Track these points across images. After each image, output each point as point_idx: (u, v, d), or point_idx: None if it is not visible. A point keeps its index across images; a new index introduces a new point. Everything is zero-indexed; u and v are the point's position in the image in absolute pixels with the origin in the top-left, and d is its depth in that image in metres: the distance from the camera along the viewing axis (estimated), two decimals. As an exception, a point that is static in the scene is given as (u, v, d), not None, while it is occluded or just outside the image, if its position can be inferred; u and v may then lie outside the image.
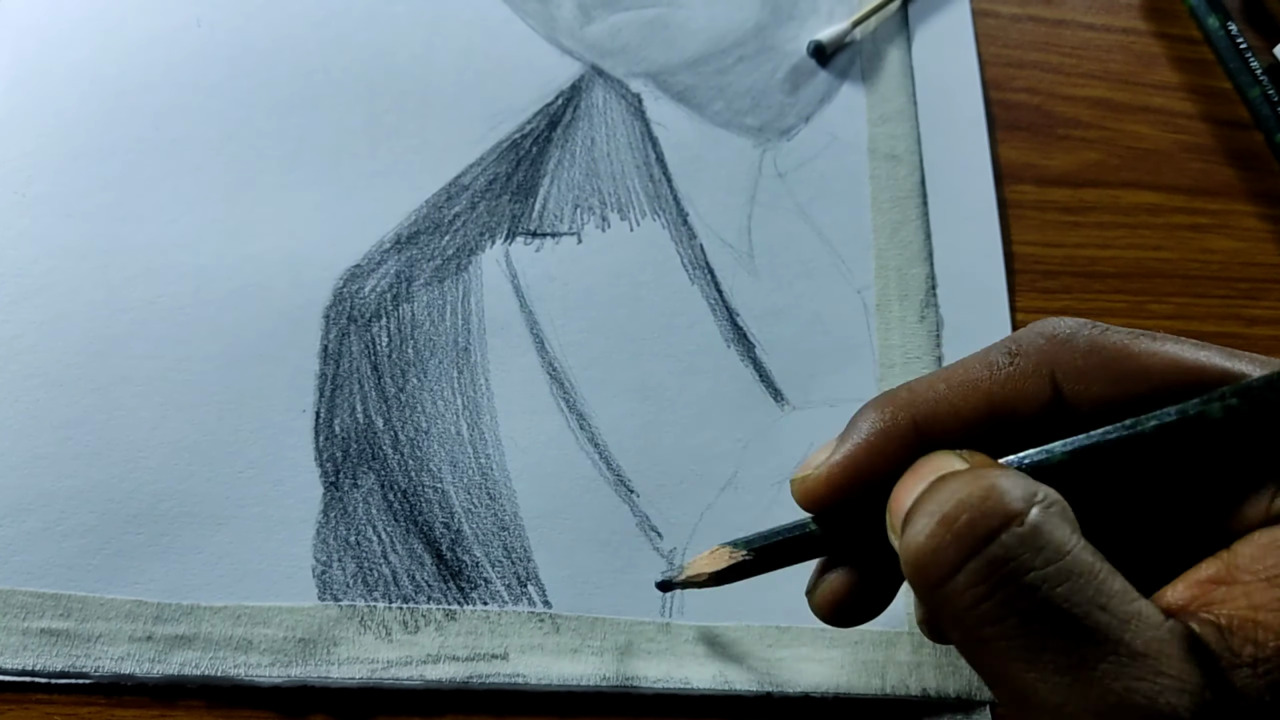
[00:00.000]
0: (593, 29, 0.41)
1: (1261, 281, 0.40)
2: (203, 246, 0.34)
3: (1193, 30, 0.46)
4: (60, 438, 0.31)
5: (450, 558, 0.30)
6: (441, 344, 0.34)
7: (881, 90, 0.41)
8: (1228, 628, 0.18)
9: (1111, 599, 0.18)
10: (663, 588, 0.27)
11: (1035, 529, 0.18)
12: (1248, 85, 0.44)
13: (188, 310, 0.33)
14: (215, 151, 0.36)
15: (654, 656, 0.29)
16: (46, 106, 0.36)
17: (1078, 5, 0.47)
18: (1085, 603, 0.17)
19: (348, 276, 0.34)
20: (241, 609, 0.29)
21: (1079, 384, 0.21)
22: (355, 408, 0.32)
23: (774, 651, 0.30)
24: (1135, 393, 0.20)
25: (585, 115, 0.39)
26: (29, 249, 0.33)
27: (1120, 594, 0.18)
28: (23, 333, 0.32)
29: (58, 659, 0.28)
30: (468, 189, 0.37)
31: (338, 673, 0.28)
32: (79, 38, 0.37)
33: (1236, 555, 0.19)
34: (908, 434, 0.22)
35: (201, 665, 0.28)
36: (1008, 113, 0.42)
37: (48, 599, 0.28)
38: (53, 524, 0.29)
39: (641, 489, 0.32)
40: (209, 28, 0.39)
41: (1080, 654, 0.17)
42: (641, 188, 0.38)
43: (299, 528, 0.30)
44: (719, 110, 0.40)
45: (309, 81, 0.38)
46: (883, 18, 0.43)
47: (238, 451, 0.31)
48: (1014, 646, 0.18)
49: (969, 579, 0.18)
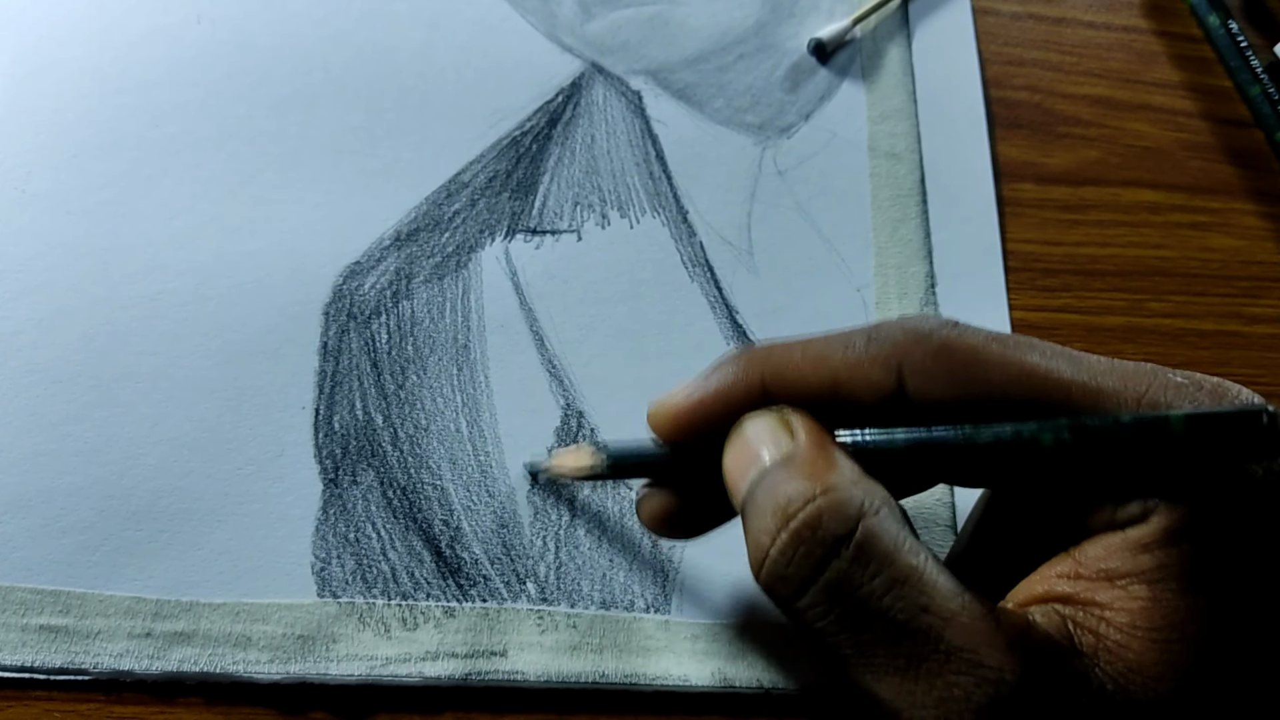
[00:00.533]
0: (593, 26, 0.41)
1: (1262, 280, 0.40)
2: (202, 243, 0.34)
3: (1193, 28, 0.46)
4: (60, 434, 0.31)
5: (449, 555, 0.30)
6: (441, 341, 0.34)
7: (882, 88, 0.41)
8: (1070, 617, 0.19)
9: (935, 599, 0.19)
10: (531, 473, 0.31)
11: (863, 545, 0.20)
12: (1248, 83, 0.44)
13: (187, 307, 0.33)
14: (215, 148, 0.36)
15: (653, 654, 0.29)
16: (46, 103, 0.36)
17: (1078, 3, 0.47)
18: (910, 607, 0.19)
19: (347, 273, 0.34)
20: (241, 606, 0.29)
21: (922, 381, 0.22)
22: (355, 405, 0.32)
23: (773, 649, 0.30)
24: (976, 398, 0.21)
25: (585, 112, 0.39)
26: (29, 246, 0.33)
27: (945, 593, 0.19)
28: (22, 329, 0.32)
29: (57, 655, 0.28)
30: (468, 186, 0.37)
31: (337, 669, 0.28)
32: (79, 34, 0.37)
33: (1085, 553, 0.20)
34: (754, 390, 0.24)
35: (200, 662, 0.28)
36: (1008, 111, 0.42)
37: (47, 595, 0.28)
38: (52, 520, 0.29)
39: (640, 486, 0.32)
40: (209, 24, 0.39)
41: (907, 656, 0.19)
42: (641, 185, 0.38)
43: (298, 524, 0.30)
44: (719, 108, 0.40)
45: (309, 78, 0.38)
46: (883, 15, 0.43)
47: (237, 448, 0.31)
48: (854, 655, 0.20)
49: (811, 601, 0.20)
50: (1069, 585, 0.20)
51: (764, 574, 0.21)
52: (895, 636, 0.19)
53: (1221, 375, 0.21)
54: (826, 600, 0.20)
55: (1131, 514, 0.20)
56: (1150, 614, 0.19)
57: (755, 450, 0.22)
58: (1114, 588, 0.19)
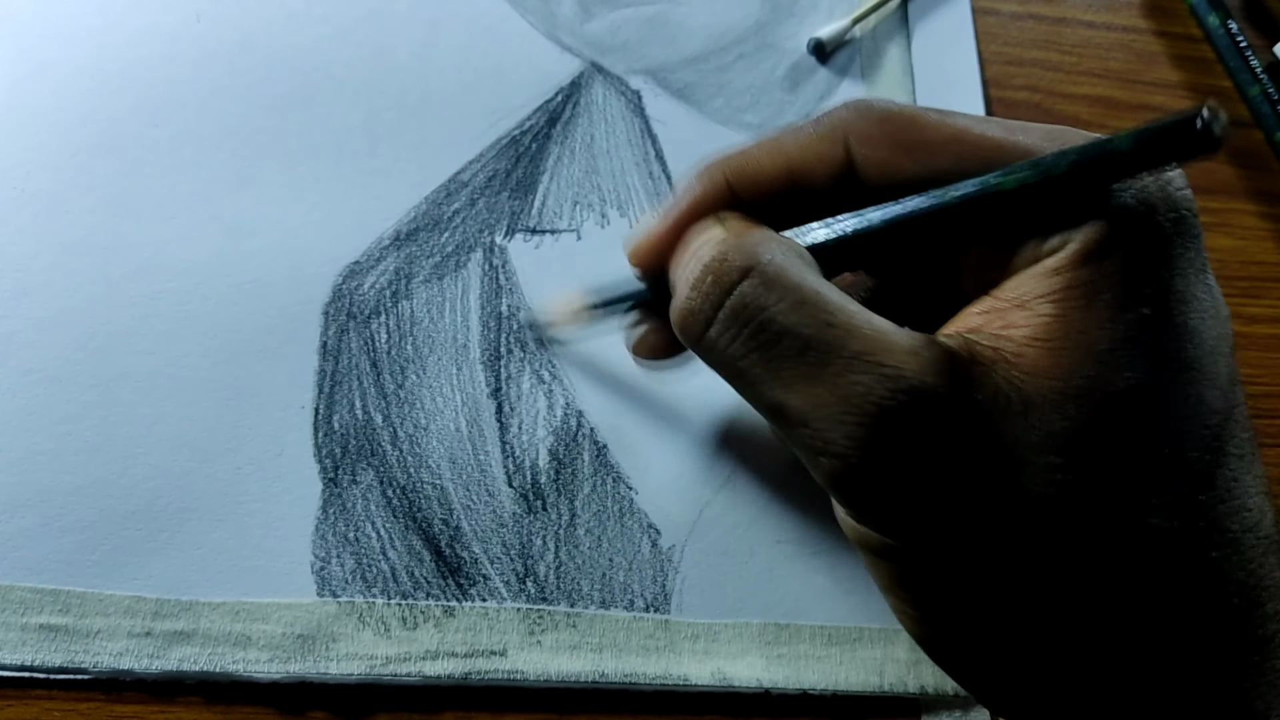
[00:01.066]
0: (592, 26, 0.41)
1: (1261, 280, 0.40)
2: (202, 243, 0.34)
3: (1193, 28, 0.46)
4: (59, 433, 0.31)
5: (449, 554, 0.30)
6: (441, 341, 0.34)
7: (881, 88, 0.41)
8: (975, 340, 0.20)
9: (838, 316, 0.20)
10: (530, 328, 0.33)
11: (767, 276, 0.21)
12: (1247, 84, 0.44)
13: (187, 306, 0.33)
14: (214, 147, 0.36)
15: (652, 653, 0.29)
16: (46, 102, 0.36)
17: (1078, 3, 0.47)
18: (815, 323, 0.20)
19: (347, 273, 0.34)
20: (240, 605, 0.29)
21: (868, 148, 0.23)
22: (354, 404, 0.32)
23: (772, 649, 0.30)
24: (919, 159, 0.22)
25: (585, 112, 0.39)
26: (28, 245, 0.33)
27: (850, 310, 0.20)
28: (21, 329, 0.32)
29: (56, 654, 0.28)
30: (467, 185, 0.37)
31: (336, 669, 0.28)
32: (78, 33, 0.37)
33: (1001, 289, 0.21)
34: (723, 192, 0.25)
35: (200, 661, 0.28)
36: (1008, 110, 0.42)
37: (46, 594, 0.28)
38: (52, 520, 0.29)
39: (640, 486, 0.32)
40: (209, 23, 0.39)
41: (813, 363, 0.20)
42: (641, 185, 0.38)
43: (298, 524, 0.30)
44: (719, 107, 0.40)
45: (308, 78, 0.38)
46: (883, 15, 0.43)
47: (236, 447, 0.31)
48: (763, 373, 0.21)
49: (719, 329, 0.22)
50: (981, 318, 0.21)
51: (677, 311, 0.23)
52: (801, 349, 0.20)
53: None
54: (734, 323, 0.21)
55: (1052, 247, 0.20)
56: (1050, 327, 0.20)
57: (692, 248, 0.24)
58: (1022, 310, 0.20)
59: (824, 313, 0.20)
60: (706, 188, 0.25)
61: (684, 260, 0.24)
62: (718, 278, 0.21)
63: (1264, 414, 0.36)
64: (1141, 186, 0.20)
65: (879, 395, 0.19)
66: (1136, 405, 0.19)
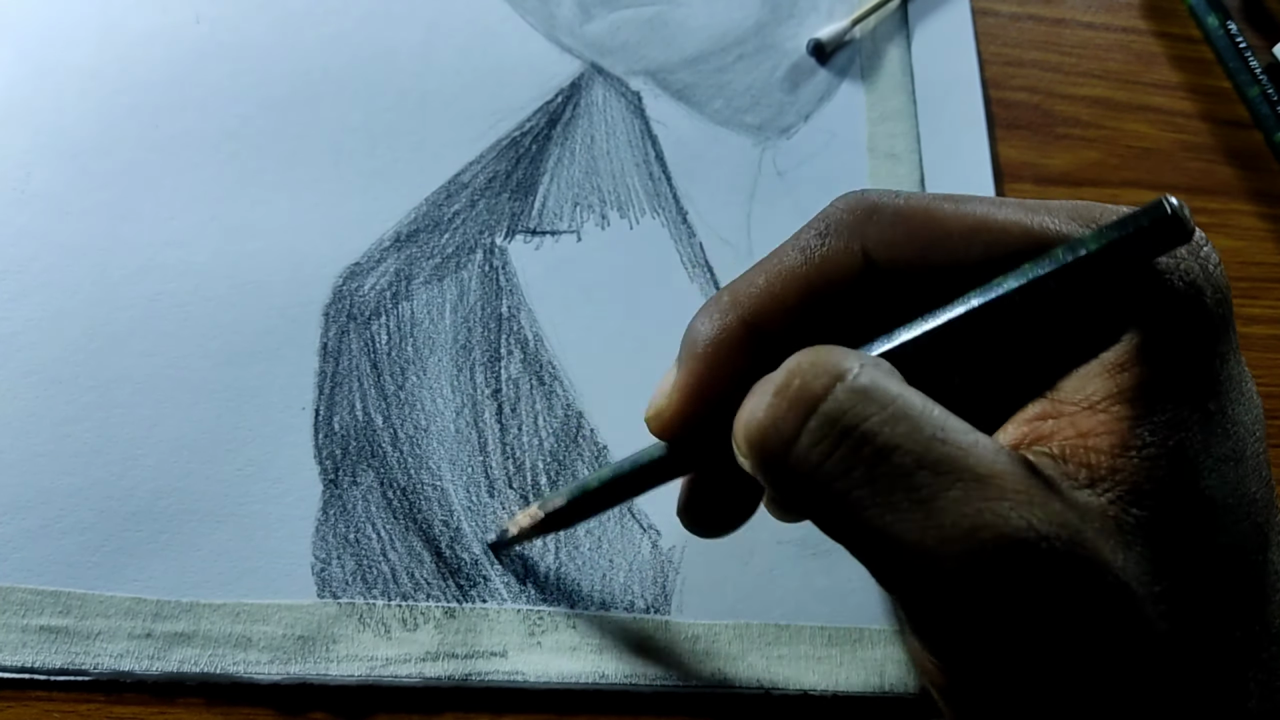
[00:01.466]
0: (592, 27, 0.41)
1: (1260, 280, 0.40)
2: (202, 244, 0.34)
3: (1192, 29, 0.46)
4: (59, 435, 0.31)
5: (449, 555, 0.30)
6: (441, 342, 0.34)
7: (881, 89, 0.41)
8: (1060, 456, 0.19)
9: (949, 433, 0.18)
10: (495, 548, 0.30)
11: (864, 384, 0.18)
12: (1247, 84, 0.44)
13: (187, 308, 0.33)
14: (214, 149, 0.36)
15: (652, 654, 0.29)
16: (45, 103, 0.36)
17: (1077, 4, 0.47)
18: (925, 439, 0.18)
19: (347, 274, 0.34)
20: (241, 606, 0.29)
21: (889, 252, 0.21)
22: (355, 405, 0.32)
23: (772, 650, 0.30)
24: (943, 253, 0.21)
25: (585, 113, 0.39)
26: (28, 246, 0.33)
27: (957, 429, 0.18)
28: (21, 330, 0.32)
29: (57, 656, 0.28)
30: (467, 187, 0.37)
31: (336, 670, 0.28)
32: (78, 35, 0.37)
33: (1060, 391, 0.20)
34: (739, 335, 0.22)
35: (201, 662, 0.28)
36: (1007, 111, 0.42)
37: (47, 596, 0.28)
38: (52, 521, 0.29)
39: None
40: (208, 25, 0.39)
41: (929, 486, 0.18)
42: (641, 186, 0.38)
43: (298, 525, 0.30)
44: (719, 108, 0.40)
45: (308, 79, 0.38)
46: (882, 16, 0.43)
47: (237, 449, 0.31)
48: (865, 495, 0.18)
49: (810, 439, 0.19)
50: (1048, 425, 0.20)
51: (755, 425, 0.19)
52: (911, 468, 0.18)
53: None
54: (829, 435, 0.18)
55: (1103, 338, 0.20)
56: (1135, 432, 0.18)
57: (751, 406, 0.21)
58: (1095, 413, 0.19)
59: (930, 427, 0.18)
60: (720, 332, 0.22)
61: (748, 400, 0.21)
62: (806, 381, 0.19)
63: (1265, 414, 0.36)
64: (1185, 269, 0.19)
65: (1017, 526, 0.17)
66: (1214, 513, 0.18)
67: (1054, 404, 0.20)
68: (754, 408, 0.20)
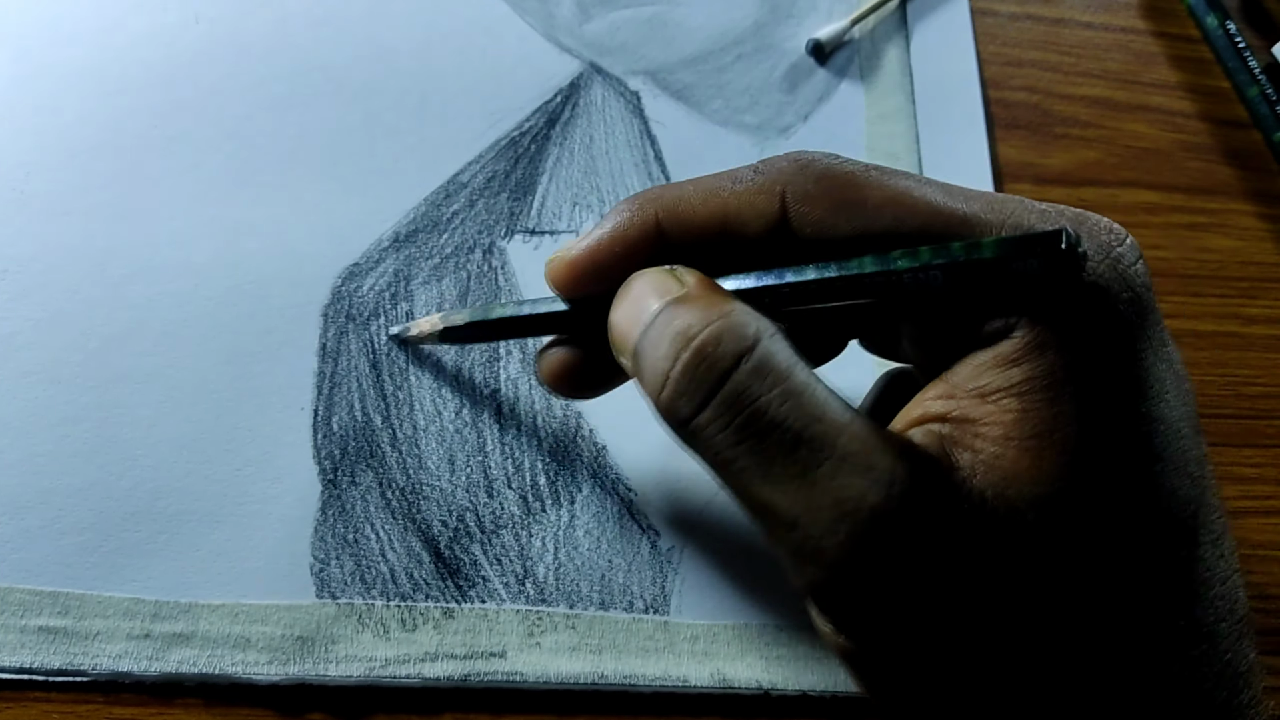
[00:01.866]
0: (591, 27, 0.41)
1: (1259, 280, 0.40)
2: (201, 244, 0.34)
3: (1191, 29, 0.46)
4: (58, 435, 0.31)
5: (448, 555, 0.30)
6: (440, 342, 0.34)
7: (880, 89, 0.41)
8: (946, 436, 0.20)
9: (827, 412, 0.19)
10: (395, 339, 0.33)
11: (761, 360, 0.20)
12: (1246, 84, 0.44)
13: (186, 308, 0.33)
14: (213, 149, 0.36)
15: (652, 655, 0.29)
16: (45, 103, 0.36)
17: (1076, 4, 0.47)
18: (805, 417, 0.19)
19: (346, 275, 0.34)
20: (239, 607, 0.29)
21: (804, 206, 0.22)
22: (354, 405, 0.32)
23: (772, 650, 0.30)
24: (854, 220, 0.22)
25: (584, 113, 0.39)
26: (27, 246, 0.33)
27: (835, 407, 0.20)
28: (20, 330, 0.32)
29: (55, 657, 0.28)
30: (466, 187, 0.37)
31: (335, 671, 0.28)
32: (78, 35, 0.37)
33: (955, 374, 0.21)
34: (650, 228, 0.24)
35: (199, 663, 0.28)
36: (1006, 111, 0.42)
37: (45, 596, 0.28)
38: (50, 521, 0.29)
39: (640, 487, 0.32)
40: (208, 25, 0.39)
41: (804, 462, 0.19)
42: (640, 185, 0.38)
43: (297, 525, 0.30)
44: (717, 108, 0.40)
45: (307, 79, 0.38)
46: (881, 16, 0.43)
47: (236, 449, 0.31)
48: (751, 466, 0.20)
49: (709, 416, 0.20)
50: (943, 405, 0.21)
51: (665, 395, 0.21)
52: (792, 444, 0.19)
53: (1219, 376, 0.21)
54: (726, 411, 0.20)
55: (995, 329, 0.20)
56: (1022, 424, 0.19)
57: (644, 302, 0.22)
58: (986, 403, 0.20)
59: (814, 406, 0.19)
60: (636, 218, 0.24)
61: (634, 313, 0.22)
62: (712, 364, 0.20)
63: (1264, 414, 0.36)
64: (1091, 267, 0.20)
65: (873, 501, 0.19)
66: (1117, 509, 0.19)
67: (950, 386, 0.21)
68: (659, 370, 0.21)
